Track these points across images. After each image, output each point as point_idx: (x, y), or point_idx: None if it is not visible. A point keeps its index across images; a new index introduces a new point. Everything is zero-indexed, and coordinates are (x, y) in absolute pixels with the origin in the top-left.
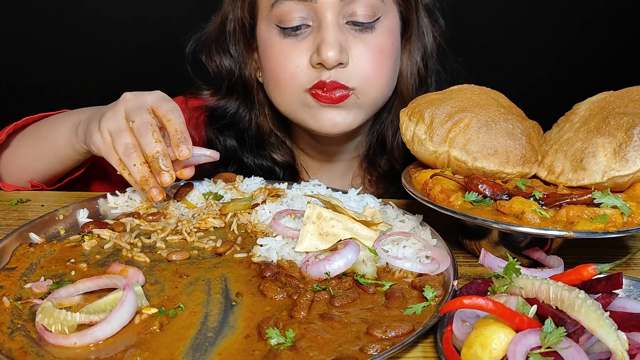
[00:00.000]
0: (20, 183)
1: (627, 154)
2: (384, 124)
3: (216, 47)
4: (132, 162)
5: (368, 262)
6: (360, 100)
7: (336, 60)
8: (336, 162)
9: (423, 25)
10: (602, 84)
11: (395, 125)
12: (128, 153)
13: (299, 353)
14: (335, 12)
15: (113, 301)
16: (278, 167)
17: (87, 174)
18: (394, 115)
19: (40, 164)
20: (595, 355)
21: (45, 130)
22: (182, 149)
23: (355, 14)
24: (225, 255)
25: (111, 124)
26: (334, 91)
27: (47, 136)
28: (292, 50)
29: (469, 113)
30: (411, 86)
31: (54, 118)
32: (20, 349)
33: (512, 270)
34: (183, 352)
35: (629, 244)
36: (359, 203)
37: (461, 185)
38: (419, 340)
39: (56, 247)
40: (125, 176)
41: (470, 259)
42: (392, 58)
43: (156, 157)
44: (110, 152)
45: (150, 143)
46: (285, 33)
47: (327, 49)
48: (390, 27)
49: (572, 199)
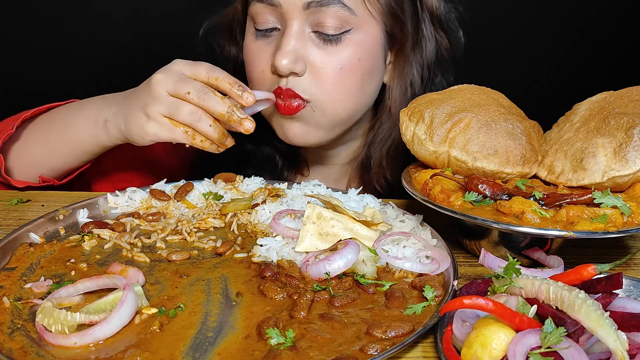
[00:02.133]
0: (30, 178)
1: (627, 154)
2: (376, 134)
3: (225, 34)
4: (207, 123)
5: (368, 262)
6: (317, 114)
7: (288, 69)
8: (330, 165)
9: (424, 39)
10: (602, 84)
11: (385, 142)
12: (198, 117)
13: (299, 353)
14: (300, 19)
15: (113, 301)
16: (278, 154)
17: (87, 173)
18: (382, 133)
19: (55, 160)
20: (595, 355)
21: (59, 125)
22: (245, 97)
23: (321, 24)
24: (225, 255)
25: (161, 106)
26: (291, 100)
27: (62, 131)
28: (259, 53)
29: (469, 113)
30: (400, 102)
31: (66, 112)
32: (20, 349)
33: (512, 270)
34: (183, 352)
35: (629, 244)
36: (359, 203)
37: (461, 185)
38: (419, 340)
39: (56, 247)
40: (198, 143)
41: (470, 259)
42: (358, 74)
43: (230, 110)
44: (172, 129)
45: (218, 102)
46: (258, 34)
47: (280, 56)
48: (362, 42)
49: (572, 199)
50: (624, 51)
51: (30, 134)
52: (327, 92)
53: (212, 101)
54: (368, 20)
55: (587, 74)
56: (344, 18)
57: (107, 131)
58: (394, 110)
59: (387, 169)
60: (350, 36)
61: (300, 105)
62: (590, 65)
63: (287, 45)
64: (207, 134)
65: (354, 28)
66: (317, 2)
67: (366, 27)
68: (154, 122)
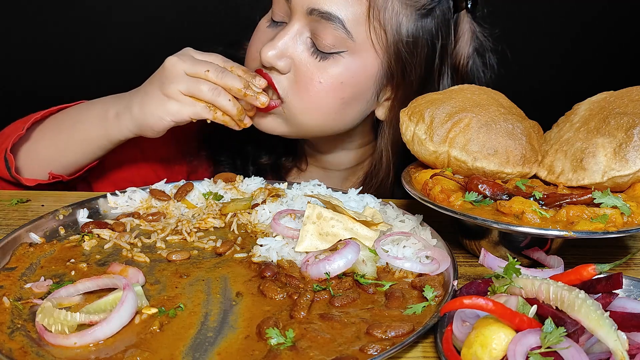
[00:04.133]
0: (40, 176)
1: (627, 154)
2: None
3: None
4: (226, 98)
5: (368, 262)
6: (286, 115)
7: (269, 62)
8: (327, 170)
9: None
10: (602, 84)
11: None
12: (218, 92)
13: (299, 353)
14: (302, 22)
15: (113, 301)
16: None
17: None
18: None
19: (65, 158)
20: (595, 355)
21: (69, 123)
22: (258, 79)
23: (318, 36)
24: (225, 255)
25: (181, 85)
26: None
27: (72, 129)
28: (262, 36)
29: (469, 113)
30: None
31: (77, 111)
32: (20, 349)
33: (512, 270)
34: (183, 352)
35: (629, 244)
36: (359, 203)
37: (461, 185)
38: (419, 340)
39: (56, 247)
40: (219, 117)
41: (470, 259)
42: (336, 96)
43: (246, 85)
44: (194, 104)
45: (236, 78)
46: (270, 23)
47: (267, 47)
48: (352, 68)
49: (572, 199)
50: (624, 51)
51: (40, 133)
52: (301, 99)
53: (229, 78)
54: (367, 49)
55: (587, 74)
56: (339, 39)
57: (118, 124)
58: (385, 154)
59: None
60: (341, 58)
61: (274, 104)
62: (590, 65)
63: (279, 40)
64: (227, 109)
65: (347, 51)
66: (319, 12)
67: (362, 55)
68: (174, 100)
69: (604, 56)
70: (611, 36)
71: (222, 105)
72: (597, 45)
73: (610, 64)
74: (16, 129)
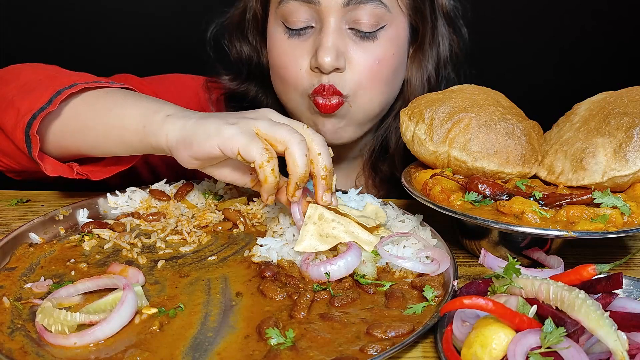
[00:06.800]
0: (63, 157)
1: (627, 154)
2: (389, 128)
3: (237, 33)
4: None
5: (368, 262)
6: (352, 109)
7: (332, 66)
8: (339, 161)
9: (439, 35)
10: (602, 84)
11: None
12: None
13: (299, 353)
14: (338, 17)
15: (113, 301)
16: None
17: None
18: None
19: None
20: (595, 355)
21: (110, 103)
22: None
23: (359, 21)
24: (225, 255)
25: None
26: (331, 97)
27: (111, 111)
28: (294, 51)
29: (469, 113)
30: (419, 93)
31: (123, 95)
32: (20, 349)
33: (512, 270)
34: (183, 352)
35: (629, 244)
36: (359, 203)
37: (461, 185)
38: (419, 340)
39: (56, 247)
40: (265, 169)
41: (470, 259)
42: (391, 68)
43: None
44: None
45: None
46: (291, 33)
47: (323, 53)
48: (395, 37)
49: (572, 199)
50: (624, 51)
51: (72, 111)
52: (364, 87)
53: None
54: (399, 15)
55: (587, 74)
56: (380, 15)
57: (161, 125)
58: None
59: (399, 165)
60: (385, 32)
61: (339, 102)
62: (590, 65)
63: (328, 42)
64: (274, 173)
65: (387, 24)
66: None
67: (397, 22)
68: (235, 126)
69: (603, 56)
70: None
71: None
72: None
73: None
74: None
